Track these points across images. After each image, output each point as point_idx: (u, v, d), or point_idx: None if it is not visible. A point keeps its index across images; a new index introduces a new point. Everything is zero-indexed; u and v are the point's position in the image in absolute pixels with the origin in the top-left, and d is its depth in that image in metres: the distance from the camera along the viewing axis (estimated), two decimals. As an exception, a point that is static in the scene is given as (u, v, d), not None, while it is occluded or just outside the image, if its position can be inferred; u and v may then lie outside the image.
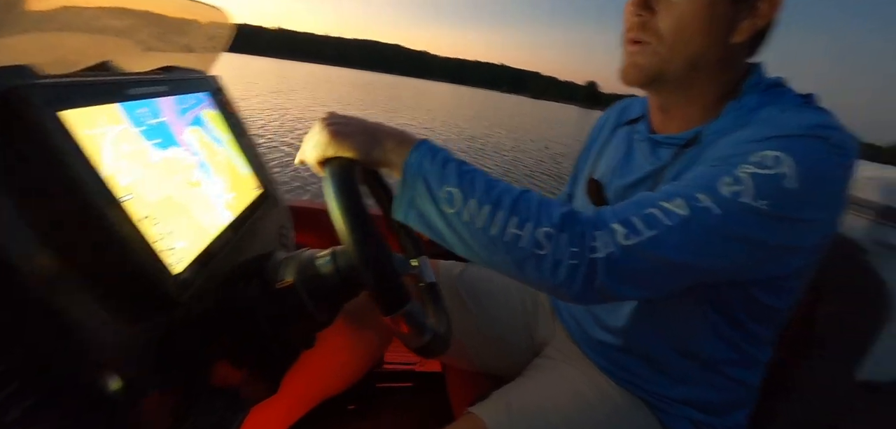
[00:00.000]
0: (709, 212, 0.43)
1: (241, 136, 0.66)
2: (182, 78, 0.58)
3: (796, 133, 0.46)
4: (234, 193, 0.57)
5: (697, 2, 0.51)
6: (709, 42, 0.53)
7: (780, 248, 0.47)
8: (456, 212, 0.46)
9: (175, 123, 0.51)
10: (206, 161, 0.54)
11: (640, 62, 0.57)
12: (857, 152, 0.48)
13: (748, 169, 0.44)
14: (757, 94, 0.55)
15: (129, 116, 0.43)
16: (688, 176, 0.50)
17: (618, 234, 0.44)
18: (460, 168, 0.48)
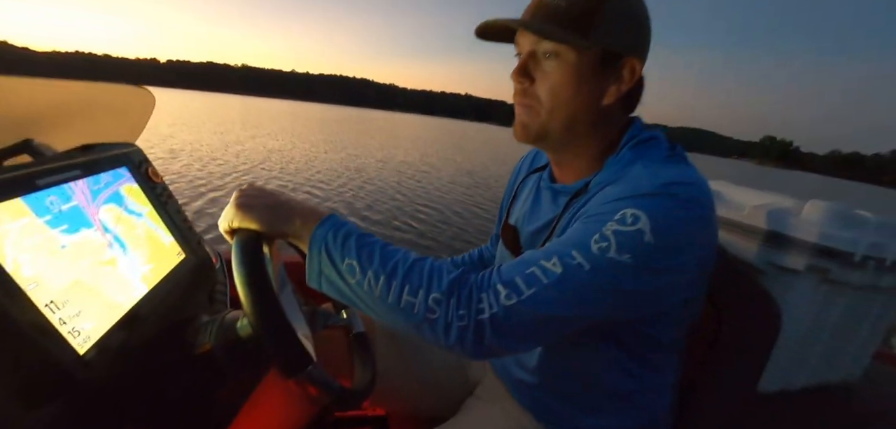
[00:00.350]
0: (581, 268, 0.49)
1: (164, 203, 0.69)
2: (99, 157, 0.61)
3: (649, 192, 0.52)
4: (151, 264, 0.59)
5: (566, 72, 0.59)
6: (581, 105, 0.61)
7: (647, 293, 0.52)
8: (357, 282, 0.50)
9: (88, 206, 0.54)
10: (121, 237, 0.57)
11: (526, 122, 0.64)
12: (708, 201, 0.55)
13: (612, 227, 0.50)
14: (631, 149, 0.62)
15: (33, 208, 0.46)
16: (566, 234, 0.55)
17: (501, 294, 0.48)
18: (360, 241, 0.52)
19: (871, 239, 0.88)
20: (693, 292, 0.60)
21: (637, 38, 0.61)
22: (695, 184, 0.54)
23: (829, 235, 0.84)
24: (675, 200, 0.52)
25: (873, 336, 1.07)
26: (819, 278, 0.89)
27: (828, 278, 0.88)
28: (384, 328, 0.90)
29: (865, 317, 1.02)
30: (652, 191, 0.52)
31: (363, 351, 0.74)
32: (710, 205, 0.55)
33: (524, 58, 0.62)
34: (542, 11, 0.59)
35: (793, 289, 0.90)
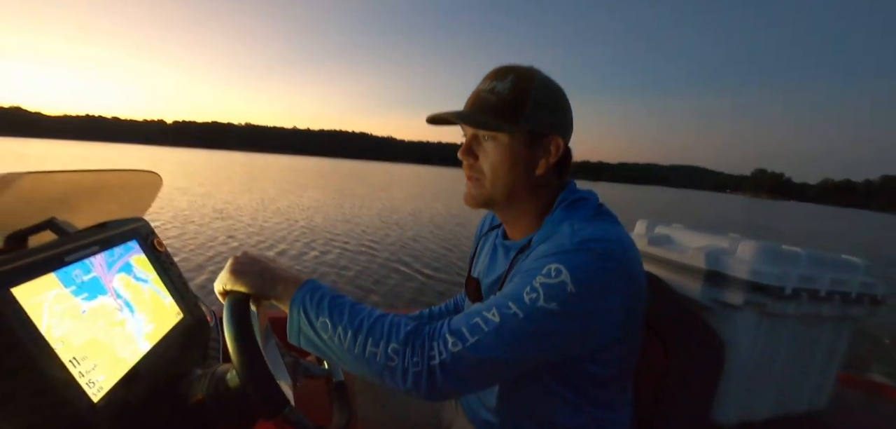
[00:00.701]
0: (516, 316, 0.57)
1: (166, 269, 0.79)
2: (113, 233, 0.72)
3: (570, 249, 0.61)
4: (154, 323, 0.69)
5: (502, 151, 0.70)
6: (517, 176, 0.71)
7: (575, 334, 0.60)
8: (329, 337, 0.58)
9: (104, 275, 0.64)
10: (130, 301, 0.67)
11: (473, 193, 0.76)
12: (622, 253, 0.62)
13: (540, 280, 0.58)
14: (562, 210, 0.72)
15: (62, 280, 0.57)
16: (505, 288, 0.64)
17: (448, 342, 0.56)
18: (332, 302, 0.60)
19: (801, 272, 0.97)
20: (624, 332, 0.67)
21: (557, 119, 0.73)
22: (610, 239, 0.62)
23: (759, 271, 0.93)
24: (591, 254, 0.60)
25: (830, 363, 1.13)
26: (758, 312, 0.96)
27: (766, 312, 0.96)
28: (362, 379, 0.97)
29: (817, 345, 1.09)
30: (571, 248, 0.61)
31: (341, 398, 0.81)
32: (626, 256, 0.63)
33: (468, 140, 0.75)
34: (478, 103, 0.71)
35: (736, 323, 0.98)
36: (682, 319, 0.96)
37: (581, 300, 0.58)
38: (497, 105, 0.68)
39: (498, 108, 0.68)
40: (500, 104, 0.68)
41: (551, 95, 0.72)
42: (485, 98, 0.70)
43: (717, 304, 0.99)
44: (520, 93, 0.68)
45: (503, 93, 0.69)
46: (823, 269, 1.01)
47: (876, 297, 1.07)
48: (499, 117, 0.68)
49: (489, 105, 0.69)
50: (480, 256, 0.93)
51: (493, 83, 0.70)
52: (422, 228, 9.80)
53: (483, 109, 0.70)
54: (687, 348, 0.92)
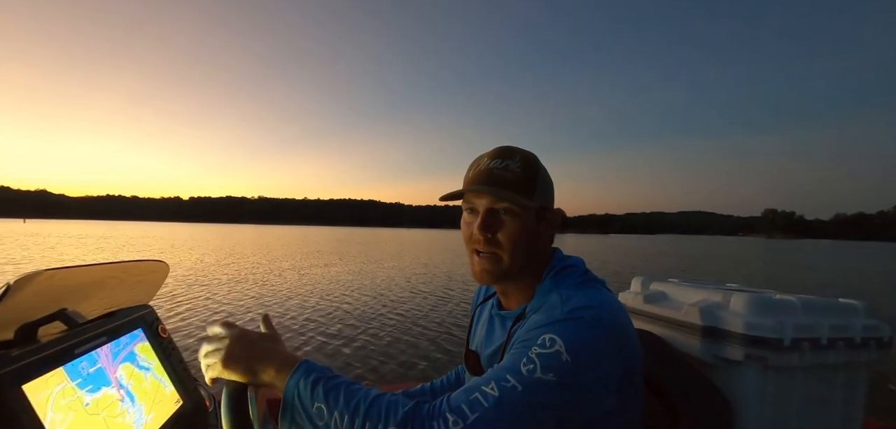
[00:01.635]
0: (515, 389, 0.56)
1: (169, 355, 0.81)
2: (121, 322, 0.76)
3: (561, 319, 0.61)
4: (153, 412, 0.70)
5: (520, 224, 0.72)
6: (530, 248, 0.74)
7: (575, 403, 0.58)
8: (325, 424, 0.55)
9: (109, 366, 0.67)
10: (132, 391, 0.69)
11: (491, 268, 0.77)
12: (611, 318, 0.63)
13: (536, 351, 0.58)
14: (551, 279, 0.74)
15: (70, 374, 0.60)
16: (504, 359, 0.63)
17: (449, 421, 0.54)
18: (327, 385, 0.58)
19: (797, 321, 0.95)
20: (622, 398, 0.64)
21: (553, 195, 0.80)
22: (598, 305, 0.64)
23: (753, 324, 0.92)
24: (581, 322, 0.61)
25: (852, 415, 1.07)
26: (761, 366, 0.94)
27: (769, 366, 0.93)
28: None
29: (832, 397, 1.04)
30: (562, 317, 0.62)
31: None
32: (615, 321, 0.63)
33: (485, 213, 0.76)
34: (496, 179, 0.72)
35: (740, 380, 0.95)
36: (685, 379, 0.93)
37: (576, 369, 0.58)
38: (514, 181, 0.72)
39: (516, 183, 0.72)
40: (516, 181, 0.72)
41: (548, 175, 0.78)
42: (500, 175, 0.73)
43: (719, 360, 0.96)
44: (531, 170, 0.74)
45: (517, 170, 0.73)
46: (821, 315, 0.99)
47: (882, 339, 1.04)
48: (520, 193, 0.72)
49: (508, 181, 0.72)
50: (477, 328, 0.94)
51: (505, 161, 0.74)
52: (428, 297, 9.70)
53: (503, 185, 0.72)
54: (693, 410, 0.89)
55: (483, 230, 0.74)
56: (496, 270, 0.76)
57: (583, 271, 0.76)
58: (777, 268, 23.12)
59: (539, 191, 0.74)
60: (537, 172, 0.75)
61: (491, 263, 0.76)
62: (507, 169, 0.74)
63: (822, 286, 15.03)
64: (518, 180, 0.72)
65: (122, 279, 0.84)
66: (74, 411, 0.57)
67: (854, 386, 1.06)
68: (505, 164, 0.74)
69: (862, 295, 1.27)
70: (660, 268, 21.40)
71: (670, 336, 1.06)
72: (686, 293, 1.13)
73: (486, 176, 0.74)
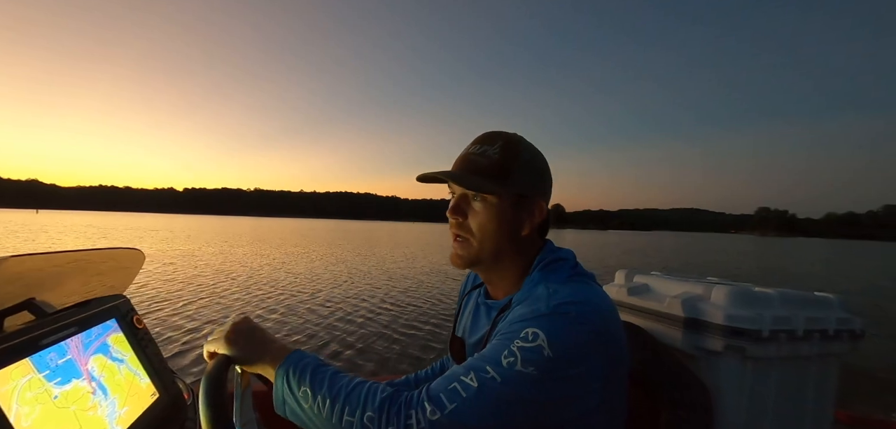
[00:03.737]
0: (494, 380, 0.56)
1: (144, 347, 0.79)
2: (92, 312, 0.73)
3: (545, 313, 0.60)
4: (128, 406, 0.68)
5: (490, 211, 0.72)
6: (503, 237, 0.73)
7: (554, 400, 0.58)
8: (310, 407, 0.57)
9: (79, 358, 0.65)
10: (104, 383, 0.67)
11: (460, 253, 0.77)
12: (598, 316, 0.62)
13: (518, 344, 0.58)
14: (539, 271, 0.72)
15: (36, 365, 0.57)
16: (482, 351, 0.62)
17: (427, 410, 0.55)
18: (314, 371, 0.60)
19: (775, 313, 0.97)
20: (606, 396, 0.64)
21: (541, 184, 0.77)
22: (585, 302, 0.63)
23: (733, 316, 0.94)
24: (566, 318, 0.60)
25: (824, 403, 1.10)
26: (740, 357, 0.96)
27: (747, 356, 0.95)
28: None
29: (806, 386, 1.07)
30: (547, 312, 0.61)
31: None
32: (601, 319, 0.62)
33: (457, 199, 0.77)
34: (469, 165, 0.74)
35: (720, 370, 0.97)
36: (667, 371, 0.95)
37: (558, 365, 0.57)
38: (487, 167, 0.71)
39: (488, 170, 0.71)
40: (490, 166, 0.71)
41: (536, 161, 0.75)
42: (475, 160, 0.72)
43: (700, 351, 0.98)
44: (508, 157, 0.72)
45: (493, 156, 0.72)
46: (797, 308, 1.01)
47: (855, 331, 1.07)
48: (489, 179, 0.71)
49: (479, 167, 0.72)
50: (464, 316, 0.94)
51: (483, 147, 0.73)
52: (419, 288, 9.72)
53: (473, 171, 0.72)
54: (674, 400, 0.91)
55: (452, 214, 0.76)
56: (466, 255, 0.76)
57: (573, 265, 0.76)
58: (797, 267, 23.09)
59: (516, 178, 0.72)
60: (517, 158, 0.72)
61: (462, 248, 0.77)
62: (484, 155, 0.73)
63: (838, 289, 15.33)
64: (492, 167, 0.71)
65: (95, 267, 0.82)
66: (42, 404, 0.56)
67: (827, 376, 1.09)
68: (483, 149, 0.73)
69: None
70: (669, 265, 21.57)
71: (653, 328, 1.07)
72: (669, 286, 1.15)
73: (461, 162, 0.74)
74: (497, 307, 0.79)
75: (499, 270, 0.79)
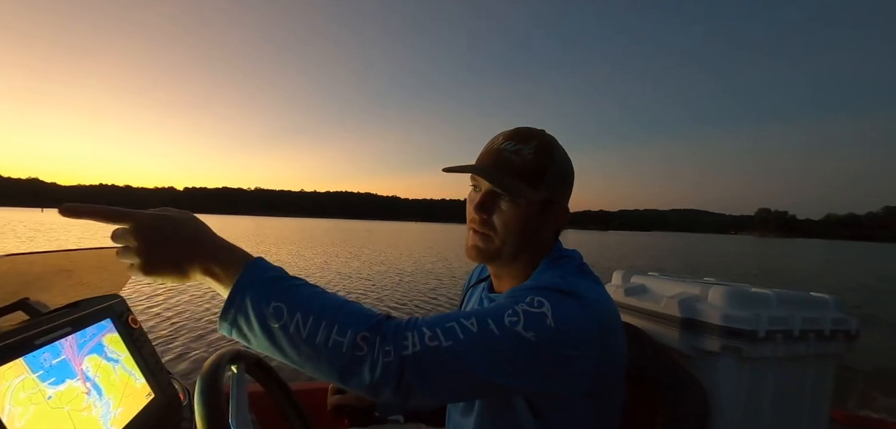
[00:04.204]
0: (492, 333, 0.55)
1: (140, 347, 0.78)
2: (87, 312, 0.72)
3: (554, 287, 0.61)
4: (122, 407, 0.68)
5: (518, 213, 0.70)
6: (527, 238, 0.72)
7: (547, 372, 0.58)
8: (282, 325, 0.49)
9: (73, 358, 0.65)
10: (99, 383, 0.66)
11: (480, 247, 0.75)
12: (604, 312, 0.62)
13: (522, 307, 0.57)
14: (547, 263, 0.73)
15: (30, 365, 0.57)
16: (489, 305, 0.61)
17: (425, 336, 0.53)
18: (290, 283, 0.53)
19: (772, 314, 0.97)
20: (599, 389, 0.64)
21: (568, 189, 0.76)
22: (592, 294, 0.63)
23: (730, 316, 0.94)
24: (575, 299, 0.60)
25: (820, 403, 1.10)
26: (737, 357, 0.96)
27: (744, 356, 0.95)
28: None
29: (802, 386, 1.07)
30: (556, 287, 0.61)
31: None
32: (604, 316, 0.62)
33: (484, 194, 0.73)
34: (502, 162, 0.69)
35: (717, 371, 0.97)
36: (664, 370, 0.95)
37: (557, 339, 0.57)
38: (521, 168, 0.69)
39: (521, 171, 0.69)
40: (524, 167, 0.69)
41: (566, 164, 0.74)
42: (508, 158, 0.70)
43: (696, 351, 0.99)
44: (543, 160, 0.70)
45: (527, 156, 0.69)
46: (794, 308, 1.01)
47: (850, 331, 1.07)
48: (522, 181, 0.69)
49: (514, 167, 0.69)
50: (467, 309, 0.94)
51: (518, 145, 0.70)
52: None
53: (507, 169, 0.69)
54: (672, 400, 0.91)
55: (478, 210, 0.72)
56: (486, 250, 0.74)
57: (579, 263, 0.75)
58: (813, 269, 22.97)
59: (548, 182, 0.70)
60: (550, 161, 0.70)
61: (482, 242, 0.74)
62: (518, 153, 0.70)
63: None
64: (526, 168, 0.68)
65: (90, 267, 0.81)
66: (35, 405, 0.55)
67: (823, 377, 1.09)
68: (517, 147, 0.70)
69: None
70: (671, 266, 21.60)
71: (650, 328, 1.07)
72: (665, 286, 1.15)
73: (495, 157, 0.71)
74: None
75: (513, 267, 0.78)
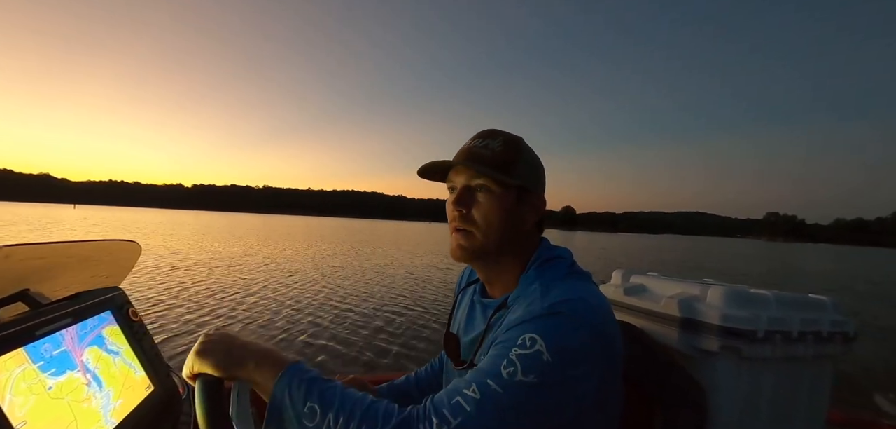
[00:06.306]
0: (496, 393, 0.56)
1: (140, 340, 0.79)
2: (87, 304, 0.73)
3: (541, 314, 0.61)
4: (122, 398, 0.68)
5: (495, 202, 0.72)
6: (507, 229, 0.73)
7: (559, 403, 0.58)
8: (316, 425, 0.54)
9: (74, 349, 0.65)
10: (99, 375, 0.67)
11: (464, 244, 0.76)
12: (593, 313, 0.62)
13: (516, 352, 0.58)
14: (535, 269, 0.73)
15: (31, 355, 0.58)
16: (482, 363, 0.62)
17: (434, 424, 0.55)
18: (322, 386, 0.57)
19: (771, 314, 0.97)
20: (602, 395, 0.64)
21: (540, 181, 0.79)
22: (580, 300, 0.63)
23: (729, 316, 0.94)
24: (561, 317, 0.60)
25: (818, 404, 1.10)
26: (735, 357, 0.96)
27: (743, 357, 0.95)
28: None
29: (800, 387, 1.07)
30: (542, 313, 0.61)
31: None
32: (596, 317, 0.63)
33: (461, 190, 0.76)
34: (472, 156, 0.73)
35: (716, 370, 0.97)
36: (663, 370, 0.96)
37: (557, 368, 0.57)
38: (492, 159, 0.72)
39: (492, 161, 0.72)
40: (494, 158, 0.72)
41: (535, 159, 0.77)
42: (479, 152, 0.73)
43: (695, 351, 0.98)
44: (511, 151, 0.73)
45: (496, 149, 0.73)
46: (793, 310, 1.01)
47: (848, 334, 1.07)
48: (495, 169, 0.71)
49: (484, 159, 0.72)
50: (459, 312, 0.94)
51: (485, 141, 0.74)
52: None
53: (479, 161, 0.72)
54: (670, 400, 0.92)
55: (457, 205, 0.75)
56: (470, 247, 0.75)
57: (569, 263, 0.75)
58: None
59: (520, 172, 0.73)
60: (519, 153, 0.74)
61: (465, 239, 0.75)
62: (487, 148, 0.74)
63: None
64: (496, 159, 0.72)
65: (90, 259, 0.82)
66: (36, 395, 0.56)
67: (821, 378, 1.09)
68: (486, 143, 0.74)
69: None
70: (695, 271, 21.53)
71: (649, 327, 1.07)
72: (665, 286, 1.15)
73: (465, 154, 0.74)
74: (492, 306, 0.79)
75: (499, 265, 0.79)
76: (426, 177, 0.81)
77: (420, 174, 0.80)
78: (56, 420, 0.57)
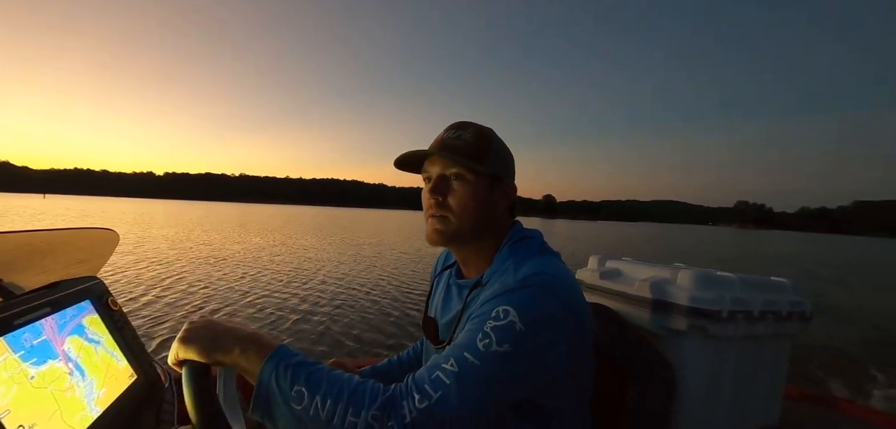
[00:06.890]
0: (474, 365, 0.59)
1: (121, 329, 0.78)
2: (66, 293, 0.71)
3: (513, 287, 0.64)
4: (105, 387, 0.68)
5: (469, 189, 0.76)
6: (481, 214, 0.77)
7: (530, 371, 0.62)
8: (303, 408, 0.55)
9: (54, 338, 0.64)
10: (81, 364, 0.66)
11: (441, 229, 0.80)
12: (561, 285, 0.65)
13: (490, 324, 0.61)
14: (509, 248, 0.77)
15: (11, 345, 0.57)
16: (459, 337, 0.65)
17: (416, 399, 0.57)
18: (309, 369, 0.58)
19: (734, 296, 1.04)
20: (573, 363, 0.68)
21: (510, 169, 0.83)
22: (549, 273, 0.67)
23: (697, 297, 1.00)
24: (532, 289, 0.64)
25: (776, 380, 1.19)
26: (702, 336, 1.02)
27: (709, 335, 1.02)
28: None
29: (760, 363, 1.15)
30: (514, 286, 0.65)
31: None
32: (564, 289, 0.67)
33: (436, 178, 0.79)
34: (446, 147, 0.78)
35: (683, 348, 1.03)
36: (635, 348, 1.01)
37: (529, 337, 0.61)
38: (465, 149, 0.76)
39: (466, 151, 0.76)
40: (467, 148, 0.76)
41: (504, 148, 0.82)
42: (452, 143, 0.77)
43: (665, 330, 1.05)
44: (483, 141, 0.77)
45: (468, 139, 0.77)
46: (755, 291, 1.08)
47: (804, 313, 1.15)
48: (468, 159, 0.75)
49: (458, 148, 0.76)
50: (436, 296, 0.97)
51: (458, 132, 0.78)
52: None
53: (452, 150, 0.76)
54: (642, 376, 0.97)
55: (433, 193, 0.78)
56: (445, 231, 0.79)
57: (540, 243, 0.80)
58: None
59: (492, 160, 0.78)
60: (490, 143, 0.78)
61: (440, 224, 0.79)
62: (460, 138, 0.77)
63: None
64: (469, 148, 0.76)
65: (67, 248, 0.80)
66: (18, 385, 0.55)
67: (779, 354, 1.18)
68: (458, 134, 0.78)
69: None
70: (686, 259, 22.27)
71: (623, 309, 1.12)
72: (638, 270, 1.20)
73: (440, 144, 0.78)
74: (468, 286, 0.82)
75: (474, 248, 0.83)
76: (402, 168, 0.84)
77: (397, 166, 0.83)
78: (39, 409, 0.56)
